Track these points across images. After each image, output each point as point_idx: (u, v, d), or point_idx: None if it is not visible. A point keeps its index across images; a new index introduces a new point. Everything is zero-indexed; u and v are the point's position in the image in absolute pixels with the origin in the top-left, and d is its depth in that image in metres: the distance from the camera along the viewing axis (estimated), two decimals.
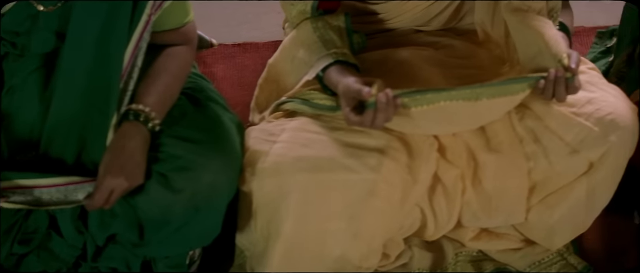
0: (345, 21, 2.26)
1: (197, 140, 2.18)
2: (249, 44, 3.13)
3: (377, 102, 1.96)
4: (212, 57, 3.11)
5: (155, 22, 2.20)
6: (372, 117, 1.98)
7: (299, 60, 2.26)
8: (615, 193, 2.38)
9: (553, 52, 2.08)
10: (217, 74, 3.05)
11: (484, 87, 2.03)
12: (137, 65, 2.17)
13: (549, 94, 2.06)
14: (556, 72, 2.04)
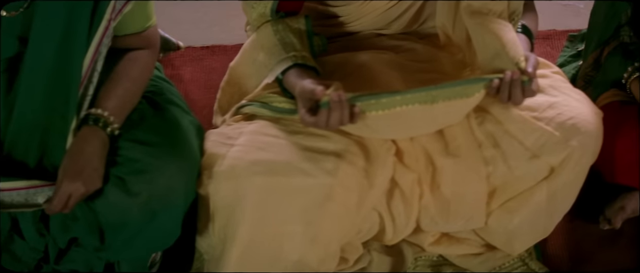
0: (305, 24, 2.27)
1: (154, 143, 2.20)
2: (217, 47, 3.14)
3: (330, 102, 1.97)
4: (180, 59, 3.12)
5: (117, 27, 2.22)
6: (326, 117, 1.99)
7: (260, 64, 2.27)
8: (580, 199, 2.39)
9: (511, 55, 2.09)
10: (184, 77, 3.06)
11: (438, 89, 2.02)
12: (97, 70, 2.19)
13: (505, 96, 2.06)
14: (512, 74, 2.04)
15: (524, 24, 2.33)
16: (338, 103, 1.97)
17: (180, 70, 3.08)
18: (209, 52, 3.15)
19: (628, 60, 2.45)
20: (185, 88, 2.99)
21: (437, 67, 2.34)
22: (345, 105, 1.98)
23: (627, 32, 2.51)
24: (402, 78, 2.26)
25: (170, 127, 2.26)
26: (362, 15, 2.37)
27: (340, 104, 1.97)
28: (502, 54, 2.10)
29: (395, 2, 2.34)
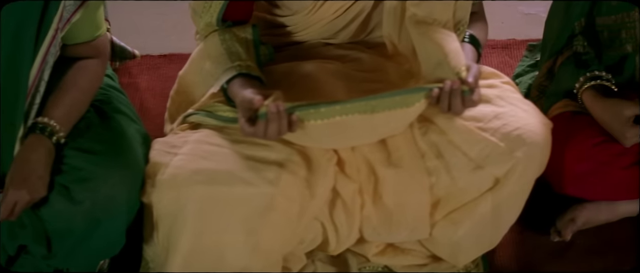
0: (252, 33, 2.29)
1: (98, 152, 2.23)
2: (174, 55, 3.17)
3: (268, 112, 1.99)
4: (138, 67, 3.15)
5: (66, 36, 2.26)
6: (264, 127, 2.01)
7: (206, 73, 2.29)
8: (531, 210, 2.41)
9: (452, 64, 2.10)
10: (141, 85, 3.09)
11: (378, 99, 2.04)
12: (44, 79, 2.22)
13: (445, 105, 2.07)
14: (452, 84, 2.04)
15: (472, 33, 2.34)
16: (275, 113, 1.99)
17: (137, 79, 3.11)
18: (166, 61, 3.18)
19: (580, 70, 2.46)
20: (141, 96, 3.01)
21: (383, 77, 2.35)
22: (283, 115, 2.00)
23: (581, 41, 2.52)
24: (346, 87, 2.27)
25: (115, 135, 2.29)
26: (309, 25, 2.39)
27: (278, 115, 1.99)
28: (443, 64, 2.12)
29: (341, 13, 2.35)
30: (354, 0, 2.34)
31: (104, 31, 2.39)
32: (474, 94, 2.08)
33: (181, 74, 2.41)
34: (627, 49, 2.48)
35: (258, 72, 2.22)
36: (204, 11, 2.29)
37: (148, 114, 2.90)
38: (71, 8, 2.22)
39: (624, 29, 2.47)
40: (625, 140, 2.34)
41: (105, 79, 2.47)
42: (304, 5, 2.33)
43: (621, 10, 2.46)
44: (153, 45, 3.27)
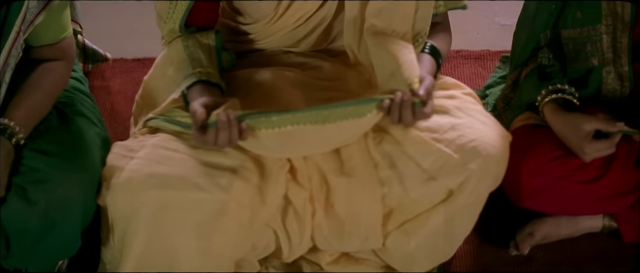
0: (215, 39, 2.33)
1: (56, 154, 2.27)
2: (147, 59, 3.20)
3: (218, 122, 2.03)
4: (111, 71, 3.20)
5: (30, 38, 2.31)
6: (214, 136, 2.05)
7: (169, 78, 2.33)
8: (491, 222, 2.43)
9: (405, 76, 2.12)
10: (113, 88, 3.14)
11: (329, 109, 2.06)
12: (5, 81, 2.27)
13: (395, 117, 2.09)
14: (402, 96, 2.06)
15: (432, 44, 2.35)
16: (225, 122, 2.03)
17: (110, 82, 3.16)
18: (140, 65, 3.22)
19: (543, 82, 2.48)
20: (113, 99, 3.06)
21: (342, 86, 2.38)
22: (233, 124, 2.04)
23: (546, 54, 2.54)
24: (304, 96, 2.31)
25: (74, 138, 2.33)
26: (271, 34, 2.42)
27: (228, 123, 2.03)
28: (397, 75, 2.14)
29: (302, 22, 2.39)
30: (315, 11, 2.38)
31: (70, 33, 2.43)
32: (426, 106, 2.09)
33: (146, 78, 2.46)
34: (592, 62, 2.50)
35: (218, 79, 2.26)
36: (168, 16, 2.33)
37: (119, 117, 2.94)
38: (35, 10, 2.26)
39: (589, 42, 2.49)
40: (584, 155, 2.35)
41: (71, 81, 2.51)
42: (265, 14, 2.37)
43: (587, 23, 2.49)
44: (128, 49, 3.32)
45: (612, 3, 2.45)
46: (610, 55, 2.48)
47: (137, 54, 3.31)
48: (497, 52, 3.28)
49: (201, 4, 2.31)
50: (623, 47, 2.47)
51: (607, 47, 2.48)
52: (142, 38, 3.38)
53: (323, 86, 2.38)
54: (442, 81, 2.42)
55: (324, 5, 2.35)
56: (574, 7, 2.49)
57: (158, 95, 2.40)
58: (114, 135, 2.73)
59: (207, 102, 2.12)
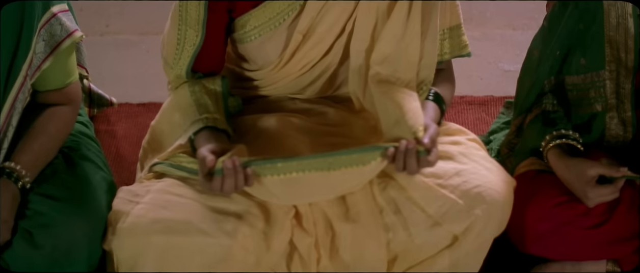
0: (221, 85, 2.37)
1: (62, 198, 2.29)
2: (152, 104, 3.25)
3: (224, 169, 2.06)
4: (116, 115, 3.24)
5: (36, 82, 2.35)
6: (220, 183, 2.08)
7: (176, 124, 2.37)
8: (496, 267, 2.43)
9: (409, 124, 2.15)
10: (118, 132, 3.17)
11: (334, 156, 2.09)
12: (12, 125, 2.31)
13: (400, 165, 2.11)
14: (407, 144, 2.09)
15: (436, 91, 2.40)
16: (231, 169, 2.06)
17: (115, 126, 3.19)
18: (145, 109, 3.26)
19: (547, 128, 2.50)
20: (118, 144, 3.10)
21: (347, 132, 2.41)
22: (239, 170, 2.07)
23: (550, 100, 2.56)
24: (309, 142, 2.34)
25: (80, 183, 2.36)
26: (276, 81, 2.45)
27: (234, 170, 2.07)
28: (401, 123, 2.17)
29: (307, 69, 2.42)
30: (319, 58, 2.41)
31: (76, 78, 2.47)
32: (431, 154, 2.12)
33: (153, 124, 2.49)
34: (596, 108, 2.52)
35: (225, 125, 2.30)
36: (174, 62, 2.37)
37: (124, 162, 2.98)
38: (42, 55, 2.31)
39: (592, 88, 2.51)
40: (588, 200, 2.36)
41: (77, 126, 2.55)
42: (270, 61, 2.40)
43: (590, 69, 2.51)
44: (133, 94, 3.36)
45: (615, 49, 2.47)
46: (613, 100, 2.50)
47: (142, 99, 3.35)
48: (501, 97, 3.30)
49: (207, 50, 2.35)
50: (626, 92, 2.49)
51: (610, 93, 2.50)
52: (147, 83, 3.42)
53: (328, 132, 2.41)
54: (446, 127, 2.46)
55: (329, 53, 2.39)
56: (577, 54, 2.51)
57: (164, 141, 2.43)
58: (120, 179, 2.76)
59: (214, 148, 2.15)
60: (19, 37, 2.23)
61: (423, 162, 2.12)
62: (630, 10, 2.43)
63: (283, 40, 2.36)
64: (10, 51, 2.23)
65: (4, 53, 2.22)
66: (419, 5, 2.30)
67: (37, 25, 2.28)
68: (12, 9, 2.21)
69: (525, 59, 2.70)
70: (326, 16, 2.32)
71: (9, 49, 2.23)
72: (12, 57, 2.24)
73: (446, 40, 2.45)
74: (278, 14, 2.32)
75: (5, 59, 2.23)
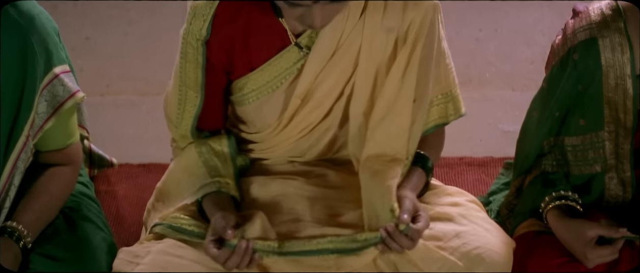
0: (228, 146, 2.41)
1: (62, 258, 2.33)
2: (153, 165, 3.28)
3: (237, 247, 2.13)
4: (116, 175, 3.26)
5: (38, 143, 2.38)
6: (226, 256, 2.15)
7: (183, 185, 2.40)
8: None
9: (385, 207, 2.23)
10: (118, 193, 3.19)
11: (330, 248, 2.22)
12: (14, 185, 2.33)
13: (396, 247, 2.20)
14: (387, 230, 2.18)
15: (423, 153, 2.43)
16: (243, 250, 2.14)
17: (115, 187, 3.21)
18: (145, 170, 3.28)
19: (547, 189, 2.51)
20: (118, 204, 3.12)
21: (347, 196, 2.42)
22: (249, 253, 2.15)
23: (549, 161, 2.57)
24: (309, 205, 2.38)
25: (80, 243, 2.39)
26: (276, 144, 2.47)
27: (245, 251, 2.14)
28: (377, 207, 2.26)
29: (306, 132, 2.44)
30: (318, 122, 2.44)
31: (77, 139, 2.50)
32: (420, 220, 2.20)
33: (159, 185, 2.51)
34: (595, 168, 2.53)
35: (235, 191, 2.35)
36: (178, 121, 2.41)
37: (124, 222, 3.00)
38: (44, 115, 2.34)
39: (592, 149, 2.52)
40: (587, 261, 2.37)
41: (78, 186, 2.57)
42: (268, 124, 2.43)
43: (589, 130, 2.52)
44: (133, 154, 3.39)
45: (614, 110, 2.49)
46: (612, 161, 2.52)
47: (143, 159, 3.38)
48: (500, 158, 3.31)
49: (209, 111, 2.39)
50: (625, 153, 2.51)
51: (609, 154, 2.52)
52: (148, 143, 3.45)
53: (328, 195, 2.43)
54: (445, 189, 2.48)
55: (328, 116, 2.41)
56: (576, 115, 2.53)
57: (170, 202, 2.44)
58: (120, 240, 2.78)
59: (231, 221, 2.22)
60: (21, 97, 2.27)
61: (414, 233, 2.19)
62: (628, 71, 2.45)
63: (281, 104, 2.39)
64: (13, 111, 2.27)
65: (6, 113, 2.25)
66: (415, 69, 2.32)
67: (39, 85, 2.31)
68: (14, 69, 2.25)
69: (525, 120, 2.73)
70: (324, 80, 2.35)
71: (11, 109, 2.26)
72: (15, 117, 2.27)
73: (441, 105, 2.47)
74: (275, 78, 2.36)
75: (8, 119, 2.26)
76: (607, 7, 2.46)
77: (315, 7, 2.07)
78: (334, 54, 2.32)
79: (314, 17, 2.10)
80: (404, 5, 2.29)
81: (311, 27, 2.16)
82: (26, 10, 2.27)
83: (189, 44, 2.31)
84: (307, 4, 2.07)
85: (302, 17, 2.13)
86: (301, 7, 2.09)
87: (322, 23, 2.14)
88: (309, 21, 2.12)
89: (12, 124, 2.28)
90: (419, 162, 2.41)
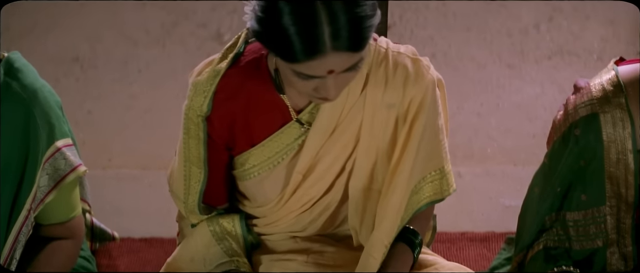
0: (240, 226, 2.44)
1: None
2: (154, 239, 3.29)
3: None
4: (118, 250, 3.27)
5: (39, 216, 2.39)
6: None
7: (198, 262, 2.44)
8: None
9: None
10: (119, 267, 3.20)
11: None
12: (15, 258, 2.35)
13: None
14: None
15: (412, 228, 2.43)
16: None
17: (117, 261, 3.22)
18: (147, 245, 3.29)
19: (549, 264, 2.53)
20: None
21: None
22: None
23: (551, 236, 2.58)
24: None
25: None
26: (277, 219, 2.47)
27: None
28: None
29: (308, 207, 2.44)
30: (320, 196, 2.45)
31: (79, 213, 2.51)
32: None
33: (169, 261, 2.51)
34: (597, 243, 2.54)
35: (249, 270, 2.39)
36: (185, 197, 2.42)
37: None
38: (45, 189, 2.35)
39: (593, 224, 2.53)
40: None
41: (79, 260, 2.58)
42: (270, 199, 2.44)
43: (591, 205, 2.53)
44: (135, 229, 3.40)
45: (616, 185, 2.51)
46: (614, 236, 2.53)
47: (144, 234, 3.39)
48: (502, 233, 3.33)
49: (213, 186, 2.41)
50: (627, 228, 2.52)
51: (611, 229, 2.52)
52: (150, 218, 3.47)
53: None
54: (445, 264, 2.48)
55: (330, 191, 2.42)
56: (578, 190, 2.54)
57: None
58: None
59: None
60: (24, 171, 2.28)
61: None
62: (630, 146, 2.47)
63: (282, 179, 2.41)
64: (15, 184, 2.28)
65: (8, 186, 2.27)
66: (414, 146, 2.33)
67: (42, 159, 2.32)
68: (17, 142, 2.27)
69: (526, 196, 2.74)
70: (326, 156, 2.37)
71: (13, 181, 2.28)
72: (16, 190, 2.29)
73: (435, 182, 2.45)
74: (277, 153, 2.37)
75: (9, 191, 2.28)
76: (608, 82, 2.48)
77: (329, 79, 2.09)
78: (335, 130, 2.34)
79: (328, 89, 2.11)
80: (405, 81, 2.31)
81: (325, 99, 2.17)
82: (29, 84, 2.29)
83: (190, 120, 2.32)
84: (321, 76, 2.08)
85: (317, 89, 2.14)
86: (315, 80, 2.10)
87: (336, 94, 2.16)
88: (324, 93, 2.13)
89: (14, 197, 2.29)
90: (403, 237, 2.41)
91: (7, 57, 2.31)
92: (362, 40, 2.05)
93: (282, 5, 2.00)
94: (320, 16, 1.99)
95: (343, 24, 2.00)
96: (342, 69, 2.07)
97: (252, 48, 2.31)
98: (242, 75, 2.29)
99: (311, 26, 2.00)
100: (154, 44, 4.13)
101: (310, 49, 2.01)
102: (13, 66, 2.30)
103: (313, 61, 2.03)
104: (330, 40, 2.00)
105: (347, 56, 2.04)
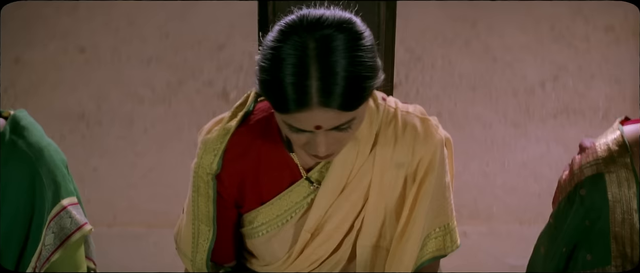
0: None
1: None
2: None
3: None
4: None
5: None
6: None
7: None
8: None
9: None
10: None
11: None
12: None
13: None
14: None
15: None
16: None
17: None
18: None
19: None
20: None
21: None
22: None
23: None
24: None
25: None
26: None
27: None
28: None
29: (316, 265, 2.44)
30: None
31: (84, 271, 2.50)
32: None
33: None
34: None
35: None
36: (193, 254, 2.43)
37: None
38: (51, 247, 2.34)
39: None
40: None
41: None
42: (278, 257, 2.45)
43: (596, 265, 2.53)
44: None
45: (621, 245, 2.51)
46: None
47: None
48: None
49: (221, 244, 2.43)
50: None
51: None
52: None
53: None
54: None
55: (338, 250, 2.42)
56: (583, 250, 2.55)
57: None
58: None
59: None
60: (29, 230, 2.29)
61: None
62: (635, 205, 2.48)
63: (291, 237, 2.41)
64: (20, 243, 2.29)
65: (14, 244, 2.28)
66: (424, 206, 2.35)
67: (47, 217, 2.33)
68: (22, 201, 2.28)
69: (532, 255, 2.74)
70: (334, 214, 2.37)
71: (19, 240, 2.28)
72: (22, 248, 2.29)
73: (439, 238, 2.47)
74: (286, 211, 2.38)
75: (15, 250, 2.29)
76: (614, 142, 2.50)
77: (318, 135, 2.09)
78: (345, 189, 2.34)
79: (317, 145, 2.11)
80: (414, 141, 2.33)
81: (316, 156, 2.17)
82: (35, 142, 2.31)
83: (200, 178, 2.34)
84: (309, 130, 2.08)
85: (308, 144, 2.14)
86: (305, 134, 2.10)
87: (327, 152, 2.15)
88: (314, 149, 2.14)
89: (19, 256, 2.30)
90: None
91: (13, 115, 2.33)
92: (353, 100, 2.04)
93: (283, 55, 2.01)
94: (311, 70, 1.99)
95: (334, 81, 2.00)
96: (330, 126, 2.07)
97: (261, 107, 2.34)
98: (252, 133, 2.31)
99: (300, 78, 1.99)
100: (160, 102, 4.15)
101: (296, 101, 2.01)
102: (19, 124, 2.31)
103: (300, 113, 2.03)
104: (318, 94, 2.00)
105: (335, 114, 2.04)
